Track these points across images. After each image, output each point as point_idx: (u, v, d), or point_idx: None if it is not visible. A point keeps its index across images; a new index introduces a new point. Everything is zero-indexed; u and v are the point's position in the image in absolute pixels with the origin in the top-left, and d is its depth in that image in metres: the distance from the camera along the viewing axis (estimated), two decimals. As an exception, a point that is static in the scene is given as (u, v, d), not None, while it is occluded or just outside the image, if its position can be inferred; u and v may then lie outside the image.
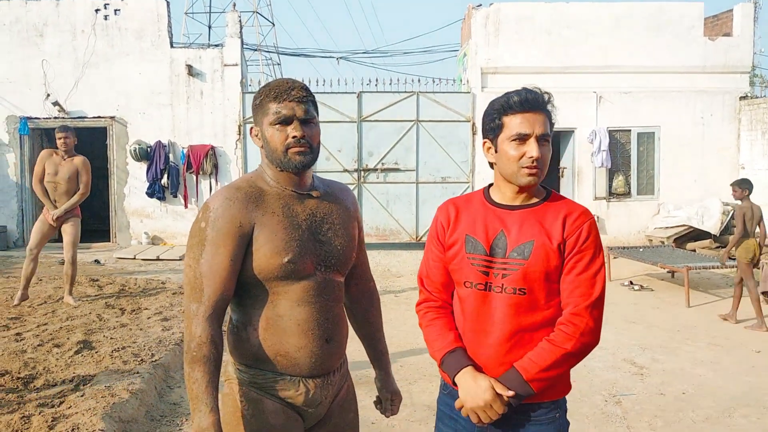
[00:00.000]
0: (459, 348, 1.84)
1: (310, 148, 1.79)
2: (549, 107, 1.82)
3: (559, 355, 1.73)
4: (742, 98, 11.86)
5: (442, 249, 1.91)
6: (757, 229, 6.80)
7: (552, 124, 1.84)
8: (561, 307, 1.80)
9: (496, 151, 1.84)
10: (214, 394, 1.66)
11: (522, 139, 1.78)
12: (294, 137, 1.75)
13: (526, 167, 1.78)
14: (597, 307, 1.76)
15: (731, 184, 6.96)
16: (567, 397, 1.90)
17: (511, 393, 1.73)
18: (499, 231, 1.82)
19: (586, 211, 1.84)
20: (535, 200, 1.86)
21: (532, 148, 1.77)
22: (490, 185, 1.95)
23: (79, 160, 6.40)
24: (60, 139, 6.32)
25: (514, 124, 1.78)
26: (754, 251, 6.63)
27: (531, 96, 1.79)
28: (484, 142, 1.89)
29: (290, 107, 1.76)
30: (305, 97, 1.79)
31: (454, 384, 1.84)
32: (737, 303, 6.75)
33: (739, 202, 6.81)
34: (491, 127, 1.84)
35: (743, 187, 6.75)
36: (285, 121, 1.76)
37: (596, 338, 1.78)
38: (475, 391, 1.75)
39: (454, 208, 1.92)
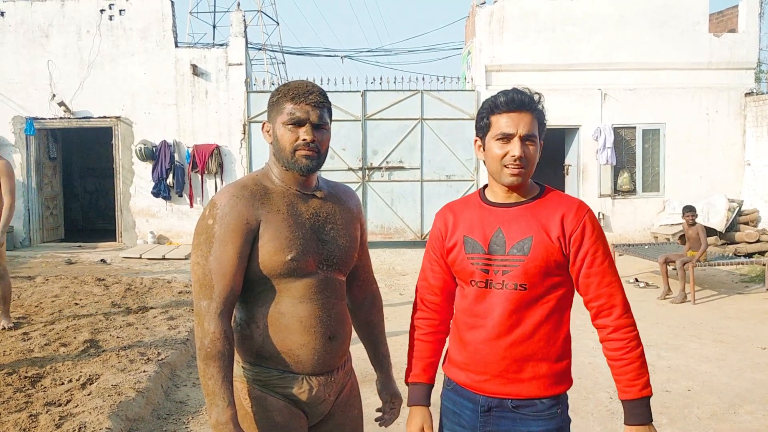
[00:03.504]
0: (424, 384, 1.98)
1: (317, 153, 1.80)
2: (539, 107, 1.85)
3: (640, 355, 1.84)
4: (747, 94, 11.81)
5: (440, 254, 1.96)
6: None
7: (543, 125, 1.87)
8: (587, 300, 1.86)
9: (484, 149, 1.89)
10: (230, 389, 1.69)
11: (506, 138, 1.81)
12: (304, 140, 1.77)
13: (508, 166, 1.81)
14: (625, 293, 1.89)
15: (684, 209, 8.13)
16: (572, 394, 1.91)
17: None
18: (496, 229, 1.85)
19: (582, 204, 1.89)
20: (529, 197, 1.89)
21: (515, 147, 1.80)
22: (486, 186, 1.98)
23: None
24: None
25: (500, 123, 1.82)
26: None
27: (518, 96, 1.82)
28: (476, 140, 1.94)
29: (305, 110, 1.78)
30: (322, 102, 1.81)
31: (449, 380, 1.91)
32: (667, 280, 7.94)
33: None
34: (481, 126, 1.89)
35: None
36: (298, 123, 1.78)
37: None
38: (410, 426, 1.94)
39: (452, 213, 1.96)
